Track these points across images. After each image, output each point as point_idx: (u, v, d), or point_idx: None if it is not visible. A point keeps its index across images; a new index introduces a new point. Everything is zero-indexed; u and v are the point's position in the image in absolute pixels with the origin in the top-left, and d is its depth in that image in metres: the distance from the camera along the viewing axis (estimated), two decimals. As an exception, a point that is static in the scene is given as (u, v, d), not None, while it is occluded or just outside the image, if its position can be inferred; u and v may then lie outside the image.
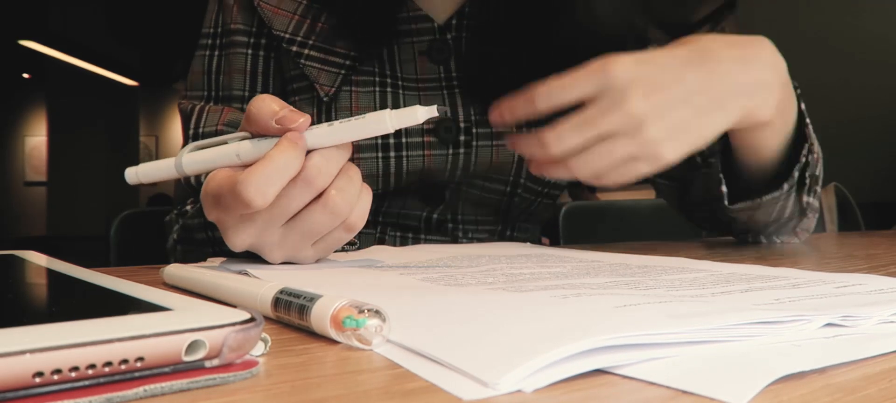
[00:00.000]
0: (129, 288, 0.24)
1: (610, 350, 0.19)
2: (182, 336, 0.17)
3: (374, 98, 0.71)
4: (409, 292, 0.31)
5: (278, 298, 0.25)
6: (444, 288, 0.33)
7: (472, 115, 0.72)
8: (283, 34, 0.71)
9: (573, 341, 0.19)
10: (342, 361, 0.20)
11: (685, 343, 0.21)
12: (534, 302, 0.27)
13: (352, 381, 0.18)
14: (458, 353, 0.19)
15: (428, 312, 0.26)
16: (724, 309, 0.24)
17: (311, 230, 0.43)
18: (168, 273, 0.38)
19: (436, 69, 0.72)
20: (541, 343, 0.19)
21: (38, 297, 0.27)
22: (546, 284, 0.33)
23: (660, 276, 0.36)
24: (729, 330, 0.22)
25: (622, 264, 0.43)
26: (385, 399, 0.16)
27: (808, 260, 0.52)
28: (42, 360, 0.15)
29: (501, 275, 0.37)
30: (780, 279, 0.34)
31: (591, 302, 0.26)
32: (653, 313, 0.23)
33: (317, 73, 0.70)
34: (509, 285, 0.33)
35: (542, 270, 0.40)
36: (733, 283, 0.33)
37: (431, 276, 0.37)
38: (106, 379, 0.16)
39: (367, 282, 0.36)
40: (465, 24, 0.73)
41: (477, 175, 0.73)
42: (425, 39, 0.72)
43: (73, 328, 0.16)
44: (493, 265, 0.43)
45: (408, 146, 0.70)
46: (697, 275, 0.36)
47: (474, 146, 0.72)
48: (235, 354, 0.18)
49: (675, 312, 0.23)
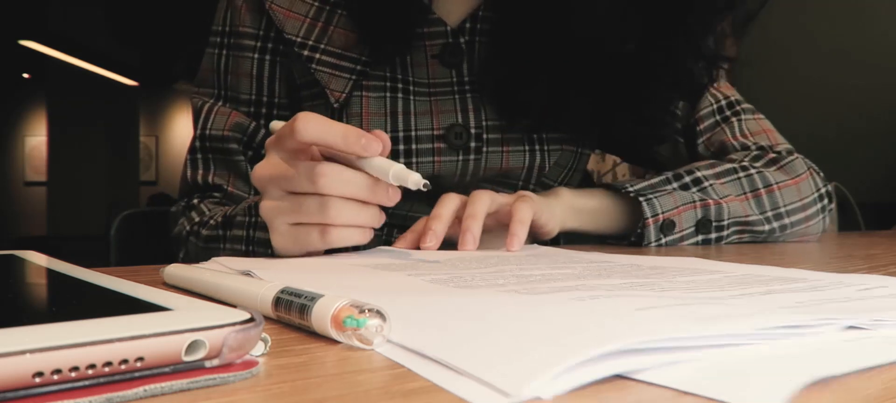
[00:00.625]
0: (129, 287, 0.24)
1: (631, 353, 0.19)
2: (182, 336, 0.17)
3: (384, 104, 0.70)
4: (418, 294, 0.31)
5: (279, 298, 0.25)
6: (454, 290, 0.32)
7: (484, 121, 0.71)
8: (294, 38, 0.70)
9: (598, 345, 0.18)
10: (342, 361, 0.20)
11: (709, 347, 0.20)
12: (550, 305, 0.26)
13: (352, 381, 0.18)
14: (474, 360, 0.18)
15: (440, 315, 0.25)
16: (749, 313, 0.23)
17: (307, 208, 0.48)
18: (168, 273, 0.38)
19: (448, 73, 0.72)
20: (562, 347, 0.18)
21: (38, 297, 0.27)
22: (560, 286, 0.32)
23: (674, 278, 0.36)
24: (755, 333, 0.21)
25: (633, 265, 0.43)
26: (386, 399, 0.16)
27: (807, 261, 0.52)
28: (42, 360, 0.15)
29: (512, 277, 0.37)
30: (799, 281, 0.34)
31: (609, 305, 0.26)
32: (674, 315, 0.23)
33: (328, 79, 0.70)
34: (521, 287, 0.32)
35: (553, 271, 0.39)
36: (751, 285, 0.32)
37: (440, 278, 0.37)
38: (106, 379, 0.16)
39: (373, 284, 0.36)
40: (479, 28, 0.72)
41: (486, 179, 0.73)
42: (438, 43, 0.71)
43: (73, 328, 0.16)
44: (502, 266, 0.42)
45: (418, 152, 0.70)
46: (712, 277, 0.36)
47: (485, 151, 0.71)
48: (235, 354, 0.18)
49: (699, 315, 0.23)
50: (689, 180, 0.71)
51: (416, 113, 0.71)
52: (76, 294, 0.26)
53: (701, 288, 0.31)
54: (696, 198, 0.69)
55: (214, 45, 0.76)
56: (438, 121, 0.71)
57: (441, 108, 0.71)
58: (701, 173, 0.72)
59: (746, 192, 0.72)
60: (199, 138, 0.75)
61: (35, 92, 7.42)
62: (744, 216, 0.71)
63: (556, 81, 0.70)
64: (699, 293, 0.30)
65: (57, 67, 6.09)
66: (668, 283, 0.33)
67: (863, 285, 0.32)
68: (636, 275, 0.37)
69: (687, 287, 0.32)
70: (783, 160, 0.76)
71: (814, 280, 0.34)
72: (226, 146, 0.74)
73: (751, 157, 0.77)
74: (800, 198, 0.75)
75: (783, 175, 0.75)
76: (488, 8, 0.72)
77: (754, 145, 0.80)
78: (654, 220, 0.67)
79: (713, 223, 0.70)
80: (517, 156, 0.73)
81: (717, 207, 0.70)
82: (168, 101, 7.96)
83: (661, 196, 0.68)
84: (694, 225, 0.69)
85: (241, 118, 0.74)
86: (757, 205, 0.72)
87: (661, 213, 0.67)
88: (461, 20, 0.72)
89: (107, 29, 5.87)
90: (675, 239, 0.69)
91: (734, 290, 0.31)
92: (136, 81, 6.81)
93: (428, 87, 0.72)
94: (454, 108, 0.71)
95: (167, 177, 7.96)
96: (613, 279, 0.35)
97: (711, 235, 0.70)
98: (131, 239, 0.93)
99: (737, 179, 0.72)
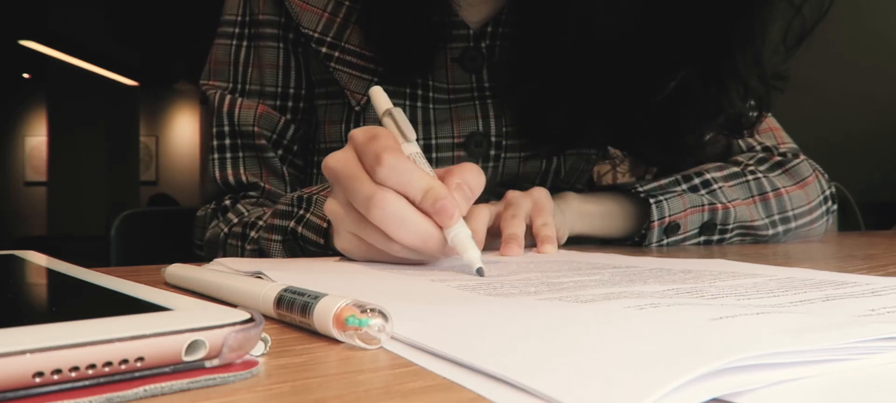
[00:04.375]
0: (129, 287, 0.24)
1: (730, 372, 0.16)
2: (182, 336, 0.17)
3: (404, 109, 0.68)
4: (453, 302, 0.28)
5: (282, 296, 0.25)
6: (487, 298, 0.30)
7: (503, 128, 0.70)
8: (311, 33, 0.67)
9: (701, 364, 0.16)
10: (343, 361, 0.20)
11: (806, 363, 0.17)
12: (607, 315, 0.24)
13: (352, 381, 0.18)
14: (547, 379, 0.16)
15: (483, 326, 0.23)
16: (840, 323, 0.21)
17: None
18: (170, 272, 0.38)
19: (468, 77, 0.70)
20: (654, 366, 0.16)
21: (38, 297, 0.27)
22: (604, 293, 0.30)
23: (715, 282, 0.34)
24: (854, 347, 0.18)
25: (663, 269, 0.40)
26: (386, 399, 0.16)
27: (807, 261, 0.52)
28: (42, 360, 0.15)
29: (541, 284, 0.34)
30: (849, 285, 0.32)
31: (677, 315, 0.23)
32: (758, 326, 0.20)
33: (347, 80, 0.67)
34: (559, 294, 0.30)
35: (583, 278, 0.37)
36: (804, 290, 0.30)
37: (467, 284, 0.34)
38: (106, 379, 0.16)
39: (395, 290, 0.33)
40: (500, 32, 0.70)
41: (502, 184, 0.72)
42: (459, 46, 0.69)
43: (73, 328, 0.16)
44: (527, 273, 0.40)
45: (437, 161, 0.69)
46: (756, 281, 0.34)
47: (503, 158, 0.71)
48: (235, 354, 0.18)
49: (785, 326, 0.20)
50: (699, 182, 0.70)
51: (437, 121, 0.69)
52: (76, 294, 0.26)
53: (753, 293, 0.29)
54: (704, 202, 0.68)
55: (230, 35, 0.72)
56: (459, 128, 0.69)
57: (461, 116, 0.70)
58: (710, 175, 0.71)
59: (754, 195, 0.71)
60: (228, 135, 0.70)
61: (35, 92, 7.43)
62: (749, 220, 0.70)
63: (578, 102, 0.67)
64: (755, 299, 0.28)
65: (57, 67, 6.09)
66: (714, 288, 0.31)
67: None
68: (672, 280, 0.35)
69: (736, 291, 0.30)
70: (789, 163, 0.76)
71: (864, 283, 0.33)
72: (256, 142, 0.70)
73: (756, 160, 0.76)
74: (807, 201, 0.74)
75: (789, 179, 0.74)
76: (510, 12, 0.70)
77: (760, 146, 0.79)
78: (660, 223, 0.67)
79: (718, 226, 0.69)
80: (534, 162, 0.72)
81: (725, 211, 0.69)
82: (168, 101, 7.96)
83: (672, 197, 0.67)
84: (698, 227, 0.69)
85: (269, 112, 0.70)
86: (764, 209, 0.72)
87: (669, 216, 0.67)
88: (482, 23, 0.70)
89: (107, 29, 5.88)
90: (678, 240, 0.68)
91: (790, 296, 0.29)
92: (136, 81, 6.81)
93: (447, 93, 0.70)
94: (474, 115, 0.70)
95: (167, 176, 7.97)
96: (651, 285, 0.33)
97: (714, 237, 0.70)
98: (131, 239, 0.92)
99: (744, 182, 0.72)
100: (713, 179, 0.71)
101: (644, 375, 0.16)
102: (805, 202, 0.74)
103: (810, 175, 0.76)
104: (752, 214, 0.71)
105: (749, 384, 0.16)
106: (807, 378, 0.17)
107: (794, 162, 0.76)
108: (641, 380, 0.15)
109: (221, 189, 0.71)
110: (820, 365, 0.17)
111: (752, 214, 0.71)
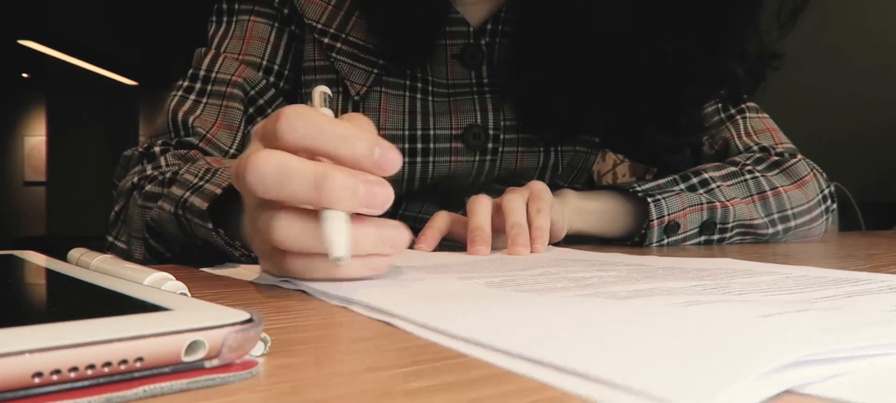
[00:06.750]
0: (128, 288, 0.24)
1: (796, 366, 0.17)
2: (181, 336, 0.17)
3: (403, 102, 0.69)
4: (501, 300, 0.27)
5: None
6: (521, 294, 0.29)
7: (502, 122, 0.71)
8: (315, 23, 0.68)
9: (773, 357, 0.17)
10: (343, 361, 0.20)
11: (855, 358, 0.19)
12: (658, 311, 0.24)
13: (353, 381, 0.18)
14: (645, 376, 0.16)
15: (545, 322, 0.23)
16: (878, 321, 0.22)
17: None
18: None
19: (467, 74, 0.71)
20: (730, 360, 0.17)
21: (38, 297, 0.27)
22: (633, 289, 0.29)
23: (734, 279, 0.34)
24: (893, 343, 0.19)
25: (675, 267, 0.40)
26: (387, 399, 0.16)
27: (808, 261, 0.52)
28: (41, 360, 0.15)
29: (566, 280, 0.34)
30: (864, 282, 0.32)
31: (725, 312, 0.23)
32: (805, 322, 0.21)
33: (348, 70, 0.68)
34: (591, 290, 0.29)
35: (603, 274, 0.36)
36: (824, 287, 0.31)
37: (494, 281, 0.34)
38: (105, 380, 0.16)
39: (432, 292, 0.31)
40: (500, 29, 0.71)
41: (499, 180, 0.73)
42: (459, 43, 0.70)
43: (73, 328, 0.16)
44: (545, 268, 0.40)
45: (435, 151, 0.69)
46: (775, 278, 0.34)
47: (501, 152, 0.71)
48: (235, 354, 0.18)
49: (831, 324, 0.21)
50: (697, 181, 0.71)
51: (435, 113, 0.70)
52: (75, 294, 0.26)
53: (775, 291, 0.29)
54: (703, 201, 0.69)
55: (222, 11, 0.73)
56: (457, 120, 0.70)
57: (460, 109, 0.70)
58: (708, 174, 0.71)
59: (752, 194, 0.72)
60: (201, 79, 0.69)
61: (35, 92, 7.41)
62: (749, 219, 0.71)
63: (579, 91, 0.68)
64: (779, 295, 0.28)
65: (57, 67, 6.09)
66: (737, 286, 0.31)
67: None
68: (692, 278, 0.34)
69: (760, 288, 0.30)
70: (786, 163, 0.76)
71: (879, 281, 0.33)
72: (228, 91, 0.69)
73: (753, 160, 0.76)
74: (806, 201, 0.74)
75: (787, 178, 0.75)
76: (510, 10, 0.71)
77: (757, 146, 0.79)
78: (659, 222, 0.67)
79: (718, 225, 0.69)
80: (532, 156, 0.73)
81: (724, 210, 0.69)
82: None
83: (670, 197, 0.68)
84: (698, 226, 0.69)
85: (253, 73, 0.70)
86: (763, 208, 0.72)
87: (668, 215, 0.67)
88: (483, 21, 0.71)
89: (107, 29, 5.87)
90: (678, 239, 0.69)
91: (814, 293, 0.29)
92: (136, 81, 6.81)
93: (447, 87, 0.71)
94: (473, 108, 0.70)
95: (167, 176, 7.95)
96: (675, 282, 0.33)
97: (714, 236, 0.70)
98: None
99: (743, 182, 0.72)
100: (711, 179, 0.71)
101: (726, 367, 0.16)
102: (804, 201, 0.74)
103: (808, 174, 0.76)
104: (751, 213, 0.71)
105: (811, 377, 0.17)
106: (855, 372, 0.18)
107: (792, 161, 0.76)
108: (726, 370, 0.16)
109: (169, 127, 0.69)
110: (865, 360, 0.19)
111: (751, 213, 0.71)
